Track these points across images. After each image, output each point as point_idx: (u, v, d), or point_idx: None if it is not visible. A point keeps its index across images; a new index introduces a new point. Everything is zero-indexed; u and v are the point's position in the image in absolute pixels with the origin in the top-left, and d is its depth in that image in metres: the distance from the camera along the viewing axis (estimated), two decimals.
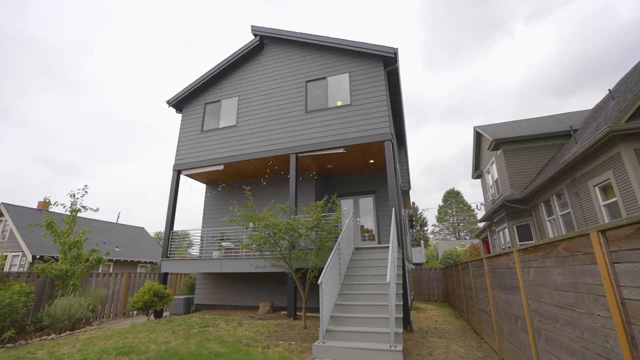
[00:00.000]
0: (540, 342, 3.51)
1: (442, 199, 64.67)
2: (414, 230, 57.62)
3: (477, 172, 18.22)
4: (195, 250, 12.59)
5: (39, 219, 19.68)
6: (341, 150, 9.47)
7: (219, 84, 12.13)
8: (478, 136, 16.95)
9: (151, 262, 26.86)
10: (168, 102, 12.31)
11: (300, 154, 9.85)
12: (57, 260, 9.44)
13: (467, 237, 57.18)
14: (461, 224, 62.00)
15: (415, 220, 57.42)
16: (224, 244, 10.20)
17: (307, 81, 10.70)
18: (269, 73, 11.39)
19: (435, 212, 64.63)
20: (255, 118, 10.92)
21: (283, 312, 9.27)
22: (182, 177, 11.62)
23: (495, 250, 15.94)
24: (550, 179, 9.79)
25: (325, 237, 7.48)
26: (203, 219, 12.24)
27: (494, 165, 14.80)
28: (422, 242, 41.75)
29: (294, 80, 10.88)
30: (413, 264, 25.37)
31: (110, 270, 23.10)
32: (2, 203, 21.50)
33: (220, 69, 11.93)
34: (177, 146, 11.80)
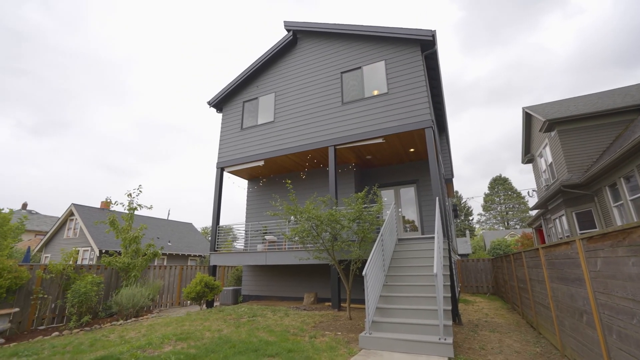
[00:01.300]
0: (612, 339, 3.20)
1: (488, 187, 61.08)
2: (459, 220, 55.28)
3: (528, 156, 16.93)
4: (239, 244, 13.16)
5: (102, 217, 21.71)
6: (380, 140, 9.28)
7: (256, 81, 12.41)
8: (527, 118, 15.71)
9: (200, 256, 28.53)
10: (209, 103, 12.85)
11: (338, 146, 9.82)
12: (120, 254, 10.37)
13: (518, 227, 53.66)
14: (510, 213, 58.25)
15: (459, 209, 55.01)
16: (267, 237, 10.53)
17: (342, 72, 10.58)
18: (304, 67, 11.42)
19: (481, 201, 61.30)
20: (292, 113, 11.04)
21: (327, 304, 9.40)
22: (225, 174, 12.12)
23: (551, 240, 14.78)
24: (617, 160, 8.81)
25: (368, 229, 7.42)
26: (246, 213, 12.71)
27: (548, 148, 13.64)
28: (467, 232, 39.96)
29: (329, 72, 10.81)
30: (458, 255, 24.40)
31: (164, 264, 24.92)
32: (72, 204, 23.99)
33: (256, 67, 12.18)
34: (219, 145, 12.30)
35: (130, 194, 10.75)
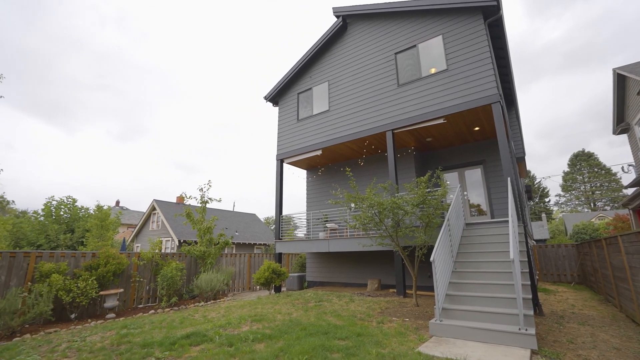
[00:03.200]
0: None
1: (568, 164, 54.19)
2: (533, 203, 50.23)
3: (621, 125, 14.59)
4: (300, 232, 13.63)
5: (179, 211, 24.16)
6: (441, 121, 8.77)
7: (308, 72, 12.53)
8: (620, 80, 13.48)
9: (264, 244, 30.23)
10: (265, 98, 13.34)
11: (396, 130, 9.52)
12: (196, 243, 11.46)
13: (607, 208, 46.98)
14: (597, 192, 51.12)
15: (533, 191, 49.87)
16: (328, 225, 10.74)
17: (395, 53, 10.16)
18: (355, 52, 11.21)
19: (559, 180, 54.75)
20: (346, 100, 10.96)
21: (392, 290, 9.32)
22: (285, 166, 12.56)
23: None
24: None
25: (432, 214, 7.14)
26: (307, 202, 13.08)
27: None
28: (543, 215, 36.14)
29: (382, 54, 10.45)
30: (534, 240, 22.20)
31: (233, 252, 26.93)
32: (154, 200, 27.07)
33: (307, 58, 12.28)
34: (278, 137, 12.76)
35: (201, 189, 11.74)
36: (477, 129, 9.72)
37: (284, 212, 11.91)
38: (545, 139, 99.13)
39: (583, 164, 52.45)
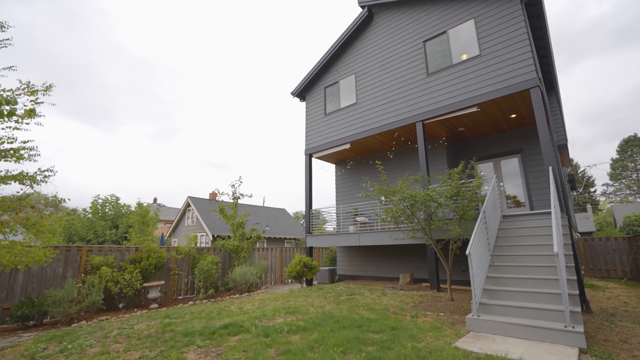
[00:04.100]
0: None
1: (617, 150, 50.06)
2: (576, 193, 47.08)
3: None
4: (329, 226, 13.70)
5: (212, 207, 25.09)
6: (474, 110, 8.41)
7: (334, 66, 12.45)
8: None
9: (295, 238, 30.69)
10: (292, 93, 13.43)
11: (426, 121, 9.25)
12: (229, 237, 11.87)
13: None
14: None
15: (576, 180, 46.71)
16: (358, 218, 10.71)
17: (424, 41, 9.83)
18: (382, 42, 10.97)
19: (607, 168, 50.79)
20: (374, 92, 10.78)
21: (424, 284, 9.15)
22: (314, 160, 12.62)
23: None
24: None
25: (467, 206, 6.90)
26: (336, 196, 13.10)
27: None
28: (588, 206, 33.77)
29: (410, 43, 10.15)
30: (578, 233, 20.83)
31: (265, 246, 27.60)
32: (188, 197, 28.28)
33: (334, 51, 12.19)
34: (306, 132, 12.83)
35: (233, 185, 12.11)
36: (513, 116, 9.22)
37: (314, 207, 12.00)
38: (590, 124, 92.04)
39: (635, 150, 48.23)
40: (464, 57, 8.94)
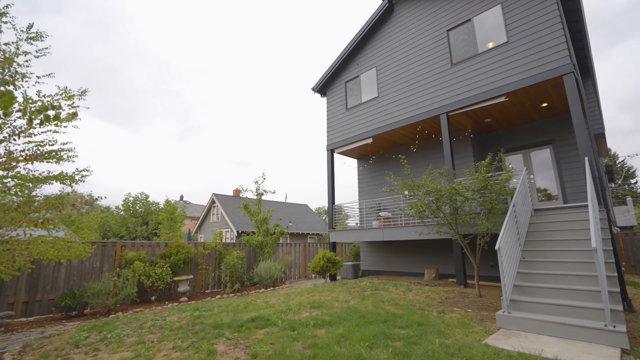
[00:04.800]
0: None
1: None
2: (615, 185, 44.33)
3: None
4: (352, 222, 13.64)
5: (236, 203, 25.68)
6: (502, 99, 8.08)
7: (355, 60, 12.32)
8: None
9: (317, 234, 30.86)
10: (313, 89, 13.43)
11: (451, 113, 8.98)
12: (254, 233, 12.10)
13: None
14: None
15: (615, 171, 43.94)
16: (381, 213, 10.61)
17: (447, 30, 9.52)
18: (403, 34, 10.73)
19: None
20: (396, 85, 10.59)
21: (451, 280, 8.97)
22: (335, 155, 12.59)
23: None
24: None
25: (495, 199, 6.67)
26: (359, 191, 13.03)
27: None
28: (629, 199, 31.71)
29: (432, 33, 9.87)
30: (618, 227, 19.62)
31: (288, 241, 27.93)
32: (213, 194, 29.05)
33: (353, 45, 12.05)
34: (327, 127, 12.81)
35: (256, 181, 12.31)
36: (544, 105, 8.78)
37: (336, 202, 12.00)
38: (630, 111, 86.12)
39: None
40: (490, 45, 8.59)
